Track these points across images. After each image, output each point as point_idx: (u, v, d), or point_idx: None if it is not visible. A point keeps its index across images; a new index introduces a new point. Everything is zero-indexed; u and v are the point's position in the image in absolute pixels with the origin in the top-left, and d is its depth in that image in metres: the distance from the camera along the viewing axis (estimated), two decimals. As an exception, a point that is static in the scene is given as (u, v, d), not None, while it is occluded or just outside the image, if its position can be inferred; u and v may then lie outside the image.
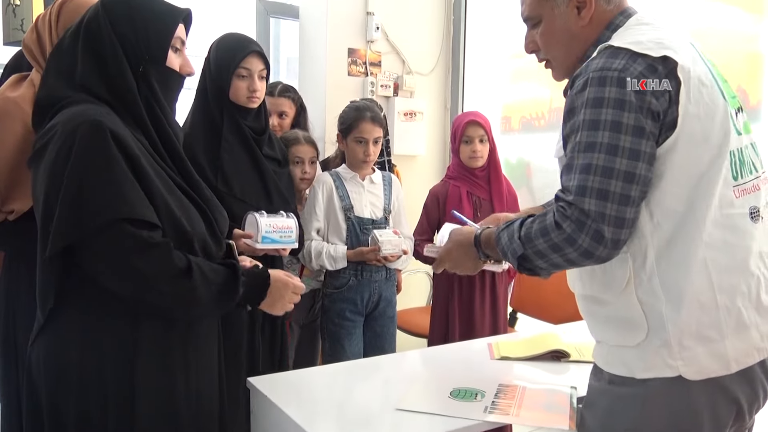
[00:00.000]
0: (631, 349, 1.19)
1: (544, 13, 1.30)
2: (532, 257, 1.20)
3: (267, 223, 1.94)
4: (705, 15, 2.69)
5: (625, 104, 1.11)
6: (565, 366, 1.79)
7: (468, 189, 2.65)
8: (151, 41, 1.33)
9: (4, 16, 3.65)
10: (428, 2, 3.93)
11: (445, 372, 1.75)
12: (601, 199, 1.10)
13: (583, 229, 1.12)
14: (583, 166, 1.12)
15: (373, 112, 2.49)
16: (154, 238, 1.22)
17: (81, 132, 1.20)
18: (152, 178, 1.27)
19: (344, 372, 1.84)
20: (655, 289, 1.16)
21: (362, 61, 3.70)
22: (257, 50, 2.04)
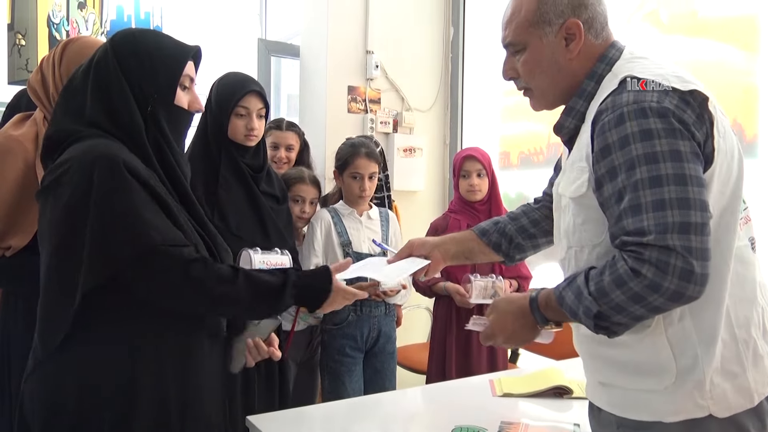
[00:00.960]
0: (657, 393, 1.13)
1: (530, 42, 1.25)
2: (608, 313, 1.07)
3: (260, 260, 1.92)
4: (700, 51, 2.73)
5: (676, 132, 1.05)
6: (568, 403, 1.77)
7: (469, 222, 2.64)
8: (159, 81, 1.33)
9: (10, 56, 3.71)
10: (426, 41, 4.00)
11: (447, 409, 1.73)
12: (684, 233, 1.02)
13: (667, 270, 1.02)
14: (656, 203, 1.03)
15: (368, 148, 2.54)
16: (192, 254, 1.27)
17: (99, 166, 1.20)
18: (171, 207, 1.30)
19: (344, 410, 1.82)
20: (687, 330, 1.11)
21: (362, 99, 3.75)
22: (256, 89, 2.07)
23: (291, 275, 1.40)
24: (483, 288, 2.52)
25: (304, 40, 3.91)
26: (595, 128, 1.12)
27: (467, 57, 4.06)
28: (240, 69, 2.25)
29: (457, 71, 4.06)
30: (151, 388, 1.27)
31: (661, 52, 2.85)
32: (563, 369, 1.99)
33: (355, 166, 2.50)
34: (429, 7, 4.00)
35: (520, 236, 1.58)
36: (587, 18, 1.21)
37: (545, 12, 1.22)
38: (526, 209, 1.61)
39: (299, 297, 1.41)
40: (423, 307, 3.63)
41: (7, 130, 1.66)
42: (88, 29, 3.94)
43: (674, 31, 2.85)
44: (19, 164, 1.58)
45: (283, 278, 1.38)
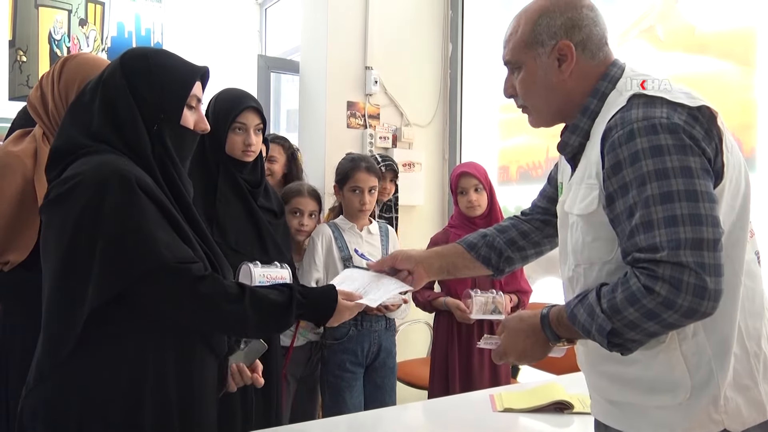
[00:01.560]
0: (671, 409, 1.12)
1: (525, 61, 1.26)
2: (622, 331, 1.07)
3: (260, 273, 1.92)
4: (697, 67, 2.75)
5: (686, 149, 1.05)
6: (569, 418, 1.76)
7: None
8: (167, 101, 1.34)
9: (11, 72, 3.73)
10: (425, 56, 4.02)
11: (447, 425, 1.72)
12: (697, 249, 1.01)
13: (681, 287, 1.01)
14: (667, 220, 1.03)
15: (368, 162, 2.56)
16: (201, 270, 1.27)
17: (112, 182, 1.21)
18: (181, 223, 1.31)
19: (344, 425, 1.81)
20: (701, 343, 1.11)
21: (361, 114, 3.76)
22: (253, 105, 2.09)
23: (295, 294, 1.40)
24: (484, 303, 2.51)
25: (303, 56, 3.93)
26: (605, 144, 1.12)
27: (466, 73, 4.09)
28: (240, 85, 2.27)
29: (455, 87, 4.08)
30: (154, 406, 1.26)
31: (658, 69, 2.87)
32: (564, 384, 1.98)
33: (354, 180, 2.52)
34: (428, 24, 4.03)
35: (510, 249, 1.57)
36: (581, 39, 1.22)
37: (539, 33, 1.23)
38: (515, 222, 1.61)
39: (304, 316, 1.44)
40: (422, 322, 3.62)
41: (6, 146, 1.67)
42: (89, 46, 3.97)
43: (671, 48, 2.87)
44: (18, 180, 1.59)
45: (288, 296, 1.39)
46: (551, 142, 3.68)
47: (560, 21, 1.22)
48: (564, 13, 1.22)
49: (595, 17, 1.24)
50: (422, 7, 4.01)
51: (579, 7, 1.23)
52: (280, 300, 1.38)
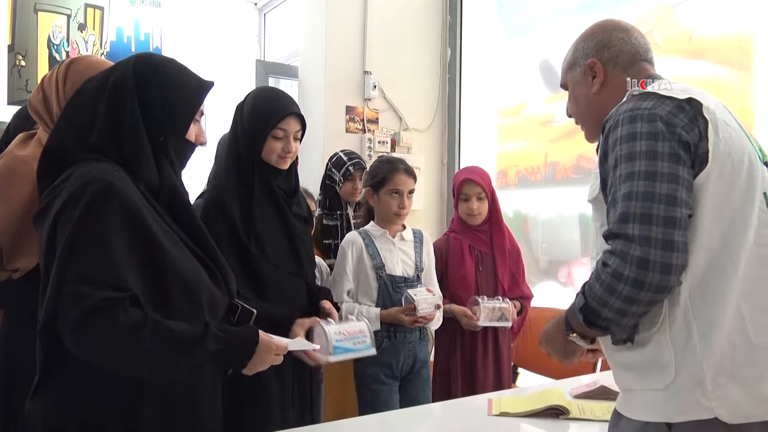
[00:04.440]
0: (661, 392, 1.15)
1: (569, 81, 1.45)
2: (596, 309, 1.16)
3: (336, 330, 1.78)
4: (695, 72, 2.75)
5: (658, 135, 1.14)
6: (564, 424, 1.75)
7: (470, 243, 2.62)
8: (176, 114, 1.34)
9: (10, 77, 3.73)
10: (424, 61, 4.03)
11: (440, 428, 1.71)
12: (645, 223, 1.10)
13: (626, 259, 1.10)
14: (623, 195, 1.14)
15: (405, 164, 2.44)
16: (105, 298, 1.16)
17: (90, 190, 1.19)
18: (158, 237, 1.25)
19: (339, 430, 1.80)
20: (689, 325, 1.14)
21: (360, 118, 3.77)
22: (296, 112, 1.98)
23: (211, 327, 1.27)
24: (491, 310, 2.45)
25: (302, 61, 3.94)
26: (602, 135, 1.25)
27: (464, 77, 4.10)
28: (238, 90, 2.23)
29: (454, 91, 4.09)
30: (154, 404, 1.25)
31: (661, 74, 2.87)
32: (564, 389, 1.97)
33: (394, 183, 2.39)
34: (426, 29, 4.04)
35: None
36: (610, 57, 1.37)
37: (577, 57, 1.42)
38: None
39: (220, 352, 1.28)
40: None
41: (13, 150, 1.64)
42: (88, 50, 3.97)
43: (669, 53, 2.87)
44: (26, 186, 1.56)
45: (201, 330, 1.26)
46: (549, 146, 3.69)
47: (592, 44, 1.40)
48: (596, 36, 1.41)
49: (626, 37, 1.39)
50: (421, 12, 4.02)
51: (610, 30, 1.40)
52: (191, 333, 1.24)
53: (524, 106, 3.62)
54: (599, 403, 1.83)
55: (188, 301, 1.28)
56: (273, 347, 1.38)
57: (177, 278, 1.26)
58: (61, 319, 1.16)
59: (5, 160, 1.62)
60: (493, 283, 2.60)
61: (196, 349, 1.24)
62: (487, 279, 2.60)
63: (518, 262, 2.68)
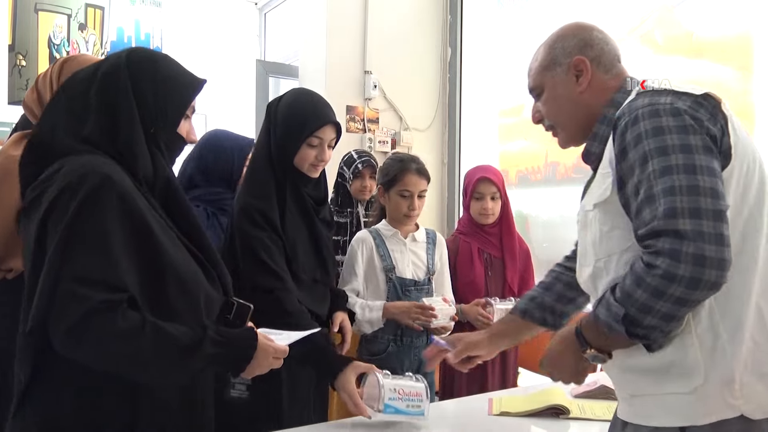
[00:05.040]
0: (687, 395, 1.12)
1: (545, 83, 1.37)
2: (638, 317, 1.08)
3: (392, 387, 1.64)
4: (695, 72, 2.75)
5: (687, 129, 1.10)
6: (565, 424, 1.75)
7: (479, 246, 2.56)
8: (169, 108, 1.32)
9: (10, 77, 3.74)
10: (424, 61, 4.03)
11: (439, 429, 1.71)
12: (695, 218, 1.04)
13: (680, 257, 1.03)
14: (665, 191, 1.07)
15: (418, 163, 2.34)
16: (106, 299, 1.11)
17: (88, 183, 1.15)
18: (156, 233, 1.22)
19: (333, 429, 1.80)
20: (715, 326, 1.11)
21: (360, 118, 3.77)
22: (334, 120, 1.92)
23: (209, 331, 1.23)
24: (504, 311, 2.30)
25: (302, 60, 3.95)
26: (616, 133, 1.19)
27: (465, 77, 4.10)
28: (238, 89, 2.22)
29: (454, 91, 4.09)
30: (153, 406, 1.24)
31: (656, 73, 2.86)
32: (564, 389, 1.97)
33: (404, 183, 2.29)
34: (426, 28, 4.04)
35: (561, 303, 1.60)
36: (594, 56, 1.32)
37: (555, 56, 1.35)
38: (557, 275, 1.63)
39: (218, 356, 1.24)
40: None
41: (7, 149, 1.64)
42: (89, 50, 3.97)
43: (670, 52, 2.87)
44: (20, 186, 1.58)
45: (200, 333, 1.21)
46: (550, 146, 3.68)
47: (573, 42, 1.34)
48: (576, 35, 1.35)
49: (604, 37, 1.35)
50: (421, 11, 4.02)
51: (589, 30, 1.36)
52: (189, 337, 1.20)
53: (525, 106, 3.62)
54: (599, 403, 1.83)
55: (186, 301, 1.25)
56: (272, 351, 1.34)
57: (175, 278, 1.23)
58: (54, 320, 1.10)
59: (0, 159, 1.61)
60: (501, 287, 2.55)
61: (195, 354, 1.20)
62: (496, 283, 2.56)
63: (527, 264, 2.64)
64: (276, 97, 2.01)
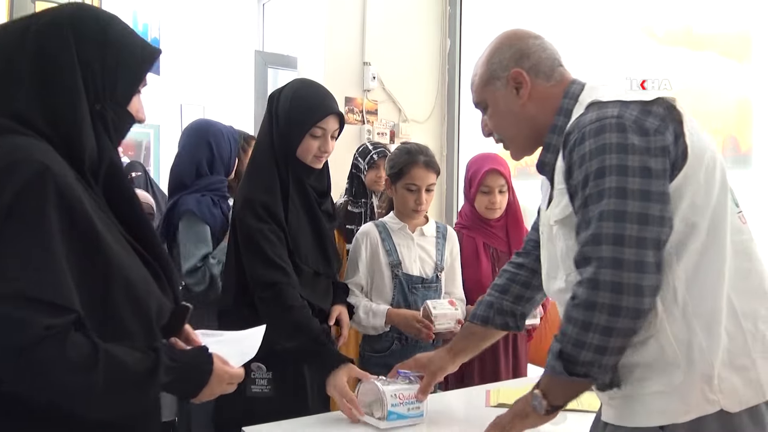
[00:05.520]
0: (666, 394, 1.13)
1: (488, 98, 1.36)
2: (572, 352, 1.10)
3: (392, 393, 1.61)
4: (695, 65, 2.75)
5: (627, 147, 1.09)
6: (561, 415, 1.73)
7: (484, 240, 2.39)
8: (120, 81, 1.12)
9: None
10: (423, 52, 4.02)
11: (436, 420, 1.71)
12: (618, 244, 1.06)
13: (598, 286, 1.06)
14: (597, 216, 1.09)
15: (426, 155, 2.20)
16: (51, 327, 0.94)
17: (19, 175, 0.95)
18: (103, 236, 1.04)
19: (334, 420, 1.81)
20: (690, 322, 1.12)
21: (359, 110, 3.76)
22: (337, 111, 1.91)
23: (162, 356, 1.08)
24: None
25: (301, 51, 3.93)
26: (565, 150, 1.19)
27: (464, 68, 4.09)
28: (237, 80, 2.21)
29: (453, 82, 4.08)
30: None
31: (656, 66, 2.86)
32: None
33: (411, 177, 2.16)
34: (426, 19, 4.03)
35: (520, 305, 1.62)
36: (531, 65, 1.31)
37: (493, 70, 1.34)
38: (511, 275, 1.64)
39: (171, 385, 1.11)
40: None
41: None
42: (87, 41, 3.95)
43: (670, 44, 2.87)
44: None
45: (153, 360, 1.06)
46: (548, 138, 3.60)
47: (509, 54, 1.32)
48: (512, 46, 1.33)
49: (541, 44, 1.33)
50: (420, 2, 4.01)
51: (524, 39, 1.34)
52: (143, 366, 1.05)
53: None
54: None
55: (137, 315, 1.09)
56: (226, 377, 1.21)
57: (125, 288, 1.06)
58: None
59: None
60: None
61: (150, 384, 1.06)
62: None
63: None
64: (277, 89, 2.00)
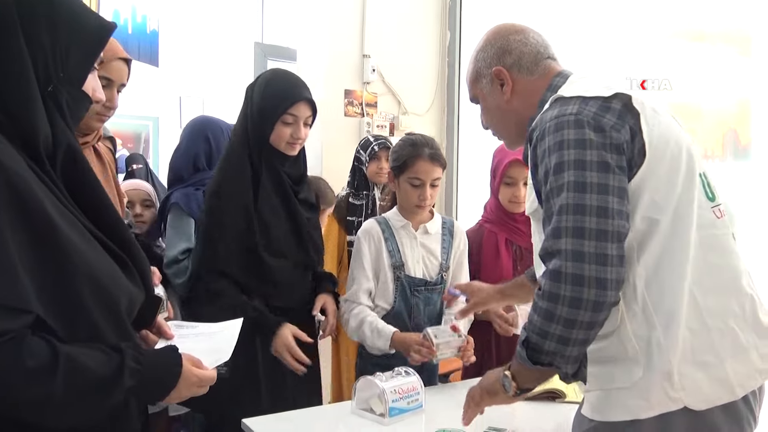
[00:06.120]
0: (629, 390, 1.15)
1: (478, 95, 1.42)
2: (538, 342, 1.12)
3: (392, 389, 1.61)
4: (695, 58, 2.74)
5: (585, 143, 1.11)
6: (560, 407, 1.76)
7: (507, 236, 2.23)
8: (73, 58, 1.05)
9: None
10: (423, 45, 4.01)
11: (437, 410, 1.72)
12: (578, 237, 1.07)
13: (560, 278, 1.07)
14: (558, 209, 1.11)
15: (432, 148, 2.08)
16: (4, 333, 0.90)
17: None
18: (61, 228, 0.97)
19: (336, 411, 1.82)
20: (650, 319, 1.13)
21: (359, 102, 3.75)
22: (308, 97, 1.93)
23: (127, 359, 1.02)
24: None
25: (301, 43, 3.92)
26: (530, 146, 1.22)
27: (464, 61, 4.07)
28: (236, 72, 2.21)
29: (453, 75, 4.07)
30: None
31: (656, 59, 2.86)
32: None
33: (415, 171, 2.04)
34: (426, 12, 4.01)
35: None
36: (513, 62, 1.35)
37: (479, 68, 1.40)
38: None
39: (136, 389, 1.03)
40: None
41: None
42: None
43: (671, 36, 2.86)
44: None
45: (117, 363, 1.00)
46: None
47: (492, 52, 1.37)
48: (494, 44, 1.37)
49: (523, 39, 1.36)
50: (420, -5, 3.99)
51: (506, 35, 1.37)
52: (107, 370, 0.99)
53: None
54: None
55: (104, 309, 1.03)
56: (196, 380, 1.13)
57: (90, 283, 1.00)
58: None
59: None
60: None
61: (113, 389, 1.00)
62: None
63: None
64: (253, 80, 2.04)
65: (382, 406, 1.62)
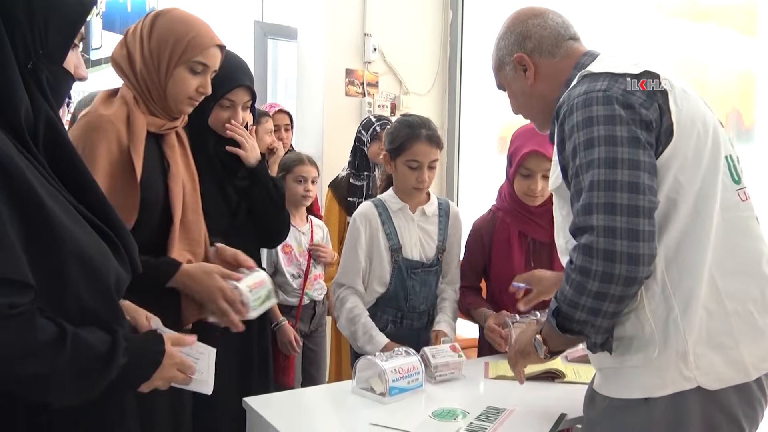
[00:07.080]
0: (644, 369, 1.16)
1: (504, 82, 1.45)
2: (569, 312, 1.15)
3: (393, 368, 1.61)
4: (699, 37, 2.71)
5: (615, 119, 1.12)
6: (559, 387, 1.76)
7: (520, 228, 2.07)
8: (51, 35, 1.02)
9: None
10: (425, 24, 3.97)
11: (437, 390, 1.73)
12: (609, 213, 1.08)
13: (592, 253, 1.08)
14: (587, 186, 1.11)
15: (429, 129, 2.03)
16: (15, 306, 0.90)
17: None
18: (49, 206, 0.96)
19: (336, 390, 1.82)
20: (668, 300, 1.14)
21: (359, 82, 3.73)
22: (246, 84, 1.91)
23: (120, 338, 1.02)
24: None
25: (301, 22, 3.88)
26: (558, 122, 1.22)
27: (466, 41, 4.04)
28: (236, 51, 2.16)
29: (455, 55, 4.04)
30: None
31: (661, 38, 2.83)
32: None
33: (412, 153, 1.99)
34: (428, -10, 3.97)
35: None
36: (533, 46, 1.36)
37: (502, 56, 1.42)
38: None
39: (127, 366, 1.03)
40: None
41: (98, 108, 1.52)
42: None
43: (674, 15, 2.83)
44: (113, 148, 1.45)
45: (111, 342, 1.01)
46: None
47: (512, 39, 1.39)
48: (513, 31, 1.39)
49: (542, 22, 1.37)
50: (422, -27, 3.95)
51: (525, 20, 1.38)
52: (105, 347, 1.00)
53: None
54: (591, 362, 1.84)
55: (95, 288, 1.02)
56: (178, 362, 1.14)
57: (79, 261, 0.99)
58: None
59: (90, 118, 1.49)
60: None
61: (111, 365, 1.00)
62: None
63: None
64: None
65: (383, 385, 1.63)
